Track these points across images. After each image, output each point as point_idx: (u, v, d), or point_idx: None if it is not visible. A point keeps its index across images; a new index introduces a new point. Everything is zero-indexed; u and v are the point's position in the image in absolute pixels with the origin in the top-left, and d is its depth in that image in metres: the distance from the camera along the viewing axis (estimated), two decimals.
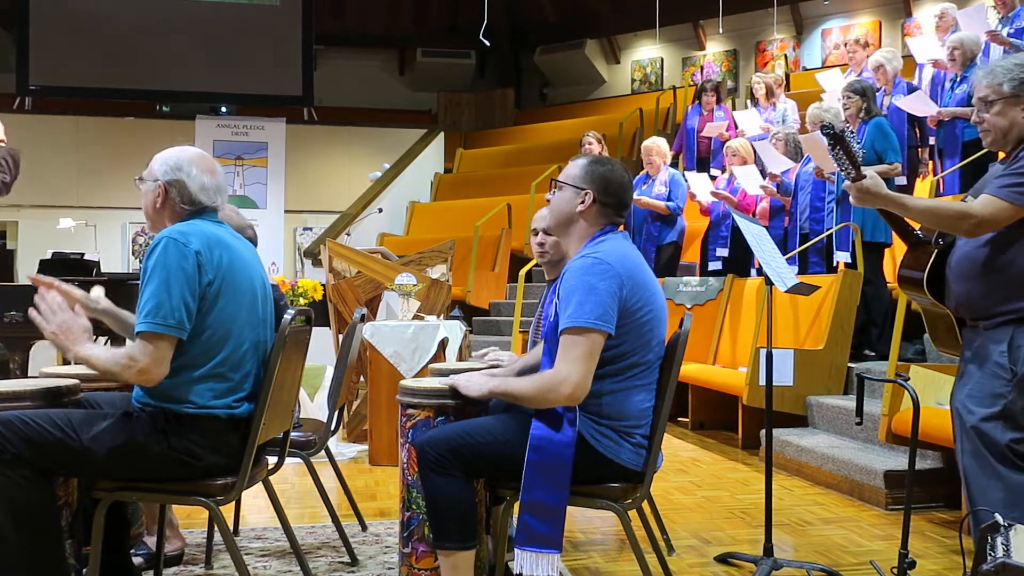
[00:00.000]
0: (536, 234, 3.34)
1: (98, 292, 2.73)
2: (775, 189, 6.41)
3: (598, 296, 2.37)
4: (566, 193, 2.59)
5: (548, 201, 2.66)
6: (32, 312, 2.40)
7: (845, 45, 7.81)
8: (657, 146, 7.17)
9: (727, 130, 8.52)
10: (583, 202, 2.56)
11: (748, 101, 8.66)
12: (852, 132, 2.55)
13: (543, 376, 2.42)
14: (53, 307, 2.41)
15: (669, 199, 6.95)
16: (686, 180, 7.29)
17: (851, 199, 2.54)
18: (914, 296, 2.70)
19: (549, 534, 2.41)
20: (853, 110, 5.62)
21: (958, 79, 6.02)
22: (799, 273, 5.79)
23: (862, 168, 2.49)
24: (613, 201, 2.57)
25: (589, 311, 2.36)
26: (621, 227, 2.67)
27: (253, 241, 3.24)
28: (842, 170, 2.52)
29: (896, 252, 5.78)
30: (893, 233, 5.44)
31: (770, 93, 8.19)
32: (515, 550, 2.44)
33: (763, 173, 6.71)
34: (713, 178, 7.91)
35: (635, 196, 6.83)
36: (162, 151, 2.58)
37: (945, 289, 2.56)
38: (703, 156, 9.08)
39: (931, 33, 7.26)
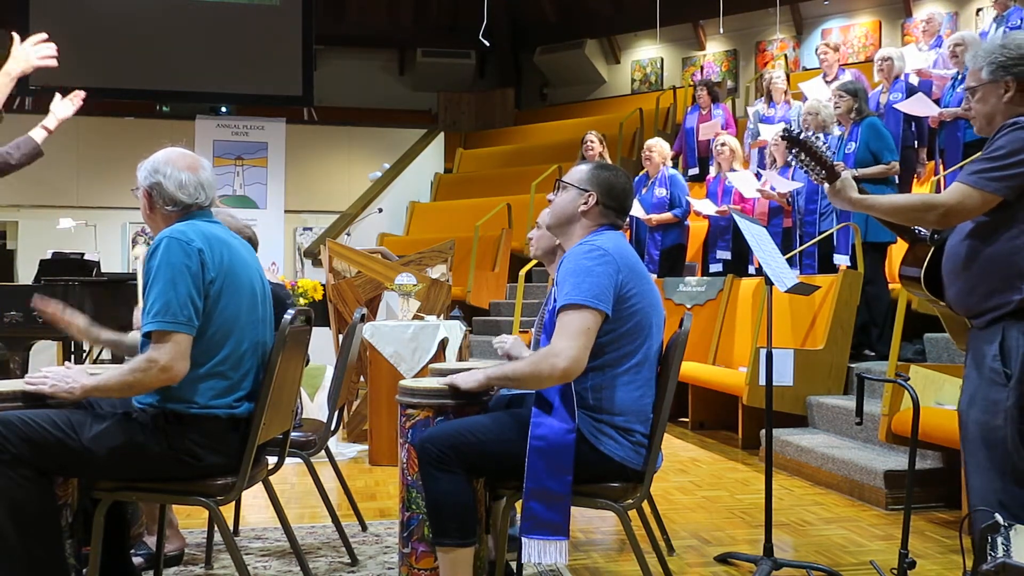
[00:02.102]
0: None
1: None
2: (773, 192, 6.40)
3: (595, 278, 2.40)
4: (570, 193, 2.63)
5: (550, 201, 2.68)
6: (26, 386, 2.43)
7: (836, 49, 7.81)
8: (659, 146, 7.20)
9: (724, 128, 8.52)
10: (586, 203, 2.59)
11: (757, 100, 8.61)
12: (817, 135, 2.53)
13: (538, 352, 2.44)
14: (36, 375, 2.44)
15: (672, 205, 6.96)
16: (686, 179, 7.30)
17: (828, 199, 2.52)
18: (917, 294, 2.68)
19: (556, 520, 2.41)
20: (844, 109, 5.61)
21: (959, 78, 6.03)
22: (796, 275, 5.78)
23: (836, 169, 2.45)
24: (615, 205, 2.62)
25: (586, 290, 2.39)
26: (627, 232, 2.69)
27: (253, 243, 3.25)
28: (812, 173, 2.49)
29: (899, 252, 5.78)
30: None
31: (786, 91, 8.18)
32: (522, 538, 2.44)
33: (758, 176, 6.71)
34: (709, 176, 7.91)
35: (644, 216, 6.87)
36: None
37: (943, 288, 2.54)
38: (703, 156, 9.09)
39: (913, 44, 7.30)
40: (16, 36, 3.34)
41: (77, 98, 3.47)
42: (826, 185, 2.49)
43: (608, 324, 2.43)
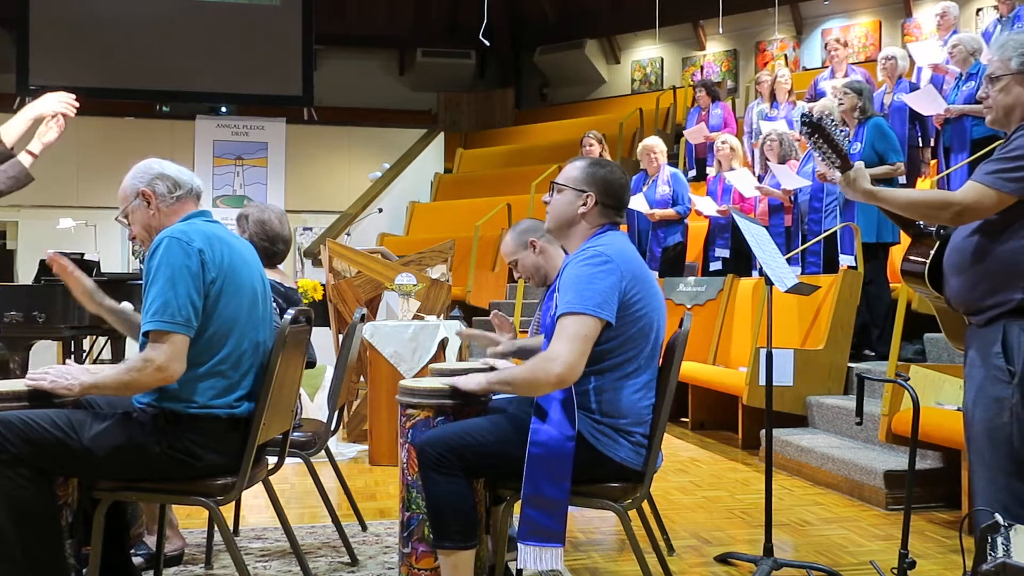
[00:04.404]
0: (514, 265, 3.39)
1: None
2: (772, 189, 6.40)
3: (598, 286, 2.38)
4: (567, 195, 2.61)
5: (547, 203, 2.67)
6: (27, 381, 2.45)
7: (845, 45, 7.84)
8: (659, 145, 7.21)
9: (721, 129, 8.52)
10: (585, 204, 2.57)
11: (758, 99, 8.61)
12: (835, 121, 2.49)
13: (535, 358, 2.42)
14: (37, 372, 2.45)
15: (676, 202, 6.97)
16: (687, 178, 7.31)
17: (840, 190, 2.49)
18: (917, 289, 2.65)
19: (552, 527, 2.41)
20: (848, 106, 5.58)
21: (964, 76, 6.02)
22: (798, 273, 5.78)
23: (850, 159, 2.44)
24: (614, 202, 2.59)
25: (588, 298, 2.37)
26: (624, 227, 2.68)
27: (287, 249, 3.40)
28: (827, 161, 2.46)
29: (900, 252, 5.78)
30: (900, 232, 5.47)
31: (790, 91, 8.19)
32: (518, 544, 2.44)
33: (759, 177, 6.71)
34: (707, 176, 7.93)
35: (648, 211, 6.88)
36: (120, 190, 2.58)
37: (943, 283, 2.52)
38: (700, 156, 9.10)
39: (931, 35, 7.28)
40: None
41: (59, 121, 3.31)
42: (838, 175, 2.46)
43: (612, 330, 2.41)
